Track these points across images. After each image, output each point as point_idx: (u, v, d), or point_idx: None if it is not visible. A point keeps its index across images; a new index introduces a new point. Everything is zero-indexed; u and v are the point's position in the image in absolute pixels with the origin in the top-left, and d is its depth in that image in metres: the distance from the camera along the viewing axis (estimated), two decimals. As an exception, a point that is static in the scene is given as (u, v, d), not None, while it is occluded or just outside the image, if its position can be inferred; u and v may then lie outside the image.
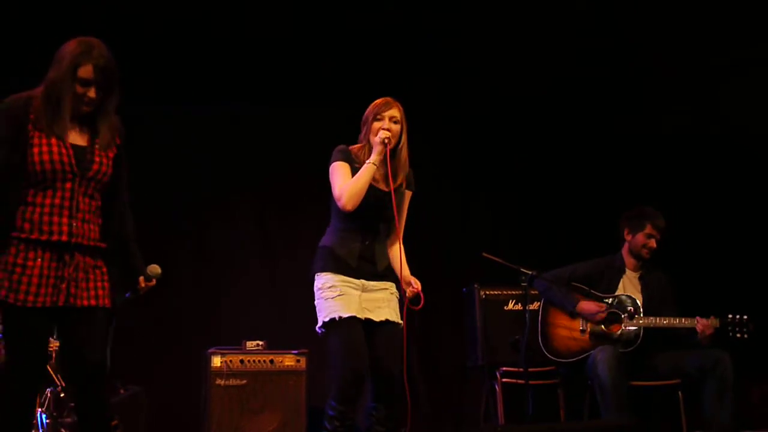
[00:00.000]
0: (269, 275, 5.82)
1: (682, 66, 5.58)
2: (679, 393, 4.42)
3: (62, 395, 4.04)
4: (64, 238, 2.80)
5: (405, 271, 3.46)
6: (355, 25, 5.05)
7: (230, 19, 4.99)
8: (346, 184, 3.33)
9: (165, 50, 5.19)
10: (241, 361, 4.73)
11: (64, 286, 2.79)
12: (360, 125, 3.49)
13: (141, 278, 3.04)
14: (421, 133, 5.71)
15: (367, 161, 3.33)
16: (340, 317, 3.26)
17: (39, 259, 2.78)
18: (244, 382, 4.70)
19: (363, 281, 3.36)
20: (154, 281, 3.08)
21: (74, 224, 2.82)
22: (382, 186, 3.42)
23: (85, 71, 2.78)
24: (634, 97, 6.06)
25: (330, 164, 3.43)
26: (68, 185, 2.82)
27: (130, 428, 4.34)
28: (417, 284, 3.44)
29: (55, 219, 2.80)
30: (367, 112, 3.46)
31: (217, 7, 4.84)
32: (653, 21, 5.05)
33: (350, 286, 3.33)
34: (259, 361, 4.75)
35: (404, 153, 3.46)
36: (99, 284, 2.88)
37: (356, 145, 3.48)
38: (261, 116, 5.85)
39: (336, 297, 3.30)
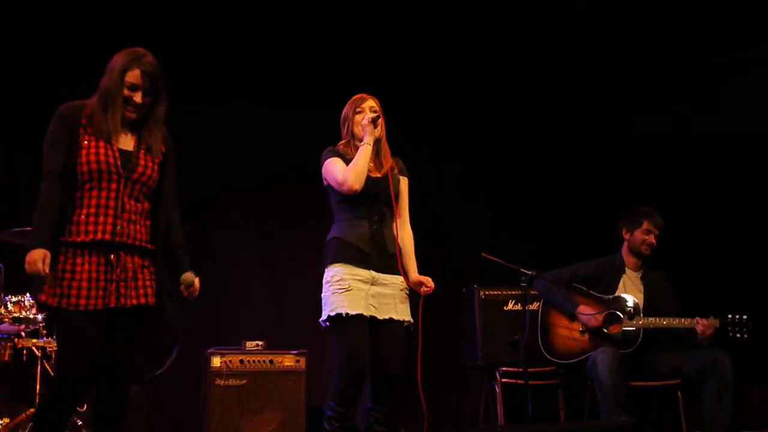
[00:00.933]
0: (269, 275, 5.82)
1: (682, 66, 5.58)
2: (679, 393, 4.41)
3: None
4: (108, 237, 2.87)
5: (413, 271, 3.50)
6: (355, 25, 5.06)
7: (230, 19, 4.99)
8: (347, 168, 3.39)
9: (165, 50, 5.17)
10: (241, 362, 4.73)
11: (113, 287, 2.87)
12: (341, 124, 3.56)
13: (182, 287, 3.10)
14: (421, 133, 5.74)
15: (362, 143, 3.41)
16: (347, 314, 3.26)
17: (86, 264, 2.85)
18: (244, 382, 4.70)
19: (373, 273, 3.35)
20: (195, 288, 3.12)
21: (119, 224, 2.89)
22: (375, 173, 3.46)
23: (133, 76, 2.92)
24: (634, 97, 6.06)
25: (322, 163, 3.48)
26: (113, 186, 2.91)
27: (130, 428, 4.34)
28: (430, 284, 3.47)
29: (101, 219, 2.88)
30: (345, 110, 3.56)
31: (217, 7, 4.84)
32: (653, 21, 5.05)
33: (359, 280, 3.32)
34: (258, 361, 4.75)
35: (385, 143, 3.54)
36: (148, 283, 2.97)
37: (340, 143, 3.55)
38: (261, 116, 5.85)
39: (344, 292, 3.29)
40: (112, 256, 2.88)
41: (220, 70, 5.50)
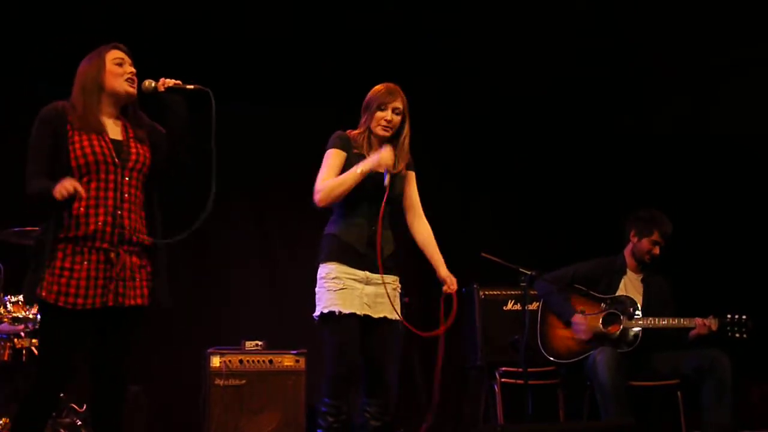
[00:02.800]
0: (269, 275, 5.82)
1: (682, 66, 5.58)
2: (679, 393, 4.41)
3: (62, 395, 4.05)
4: (108, 228, 2.86)
5: (441, 266, 3.52)
6: (355, 25, 5.06)
7: (230, 19, 4.99)
8: (330, 180, 3.32)
9: (164, 50, 5.19)
10: (241, 361, 4.73)
11: (112, 286, 2.86)
12: (363, 109, 3.45)
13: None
14: (421, 133, 5.72)
15: (357, 168, 3.29)
16: (340, 312, 3.26)
17: (85, 262, 2.84)
18: (244, 382, 4.70)
19: (367, 273, 3.33)
20: (167, 81, 3.04)
21: (118, 214, 2.89)
22: (380, 169, 3.40)
23: (114, 53, 2.99)
24: (634, 97, 6.07)
25: (326, 149, 3.42)
26: (111, 177, 2.90)
27: (130, 428, 4.34)
28: (453, 285, 3.47)
29: (101, 210, 2.87)
30: (370, 97, 3.43)
31: (217, 7, 4.84)
32: (653, 21, 5.05)
33: (354, 279, 3.31)
34: (258, 361, 4.75)
35: (406, 142, 3.46)
36: (144, 284, 2.96)
37: (355, 131, 3.46)
38: (261, 116, 5.85)
39: (338, 290, 3.28)
40: (112, 255, 2.87)
41: (221, 70, 5.49)
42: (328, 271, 3.32)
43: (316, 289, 3.36)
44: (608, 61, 5.59)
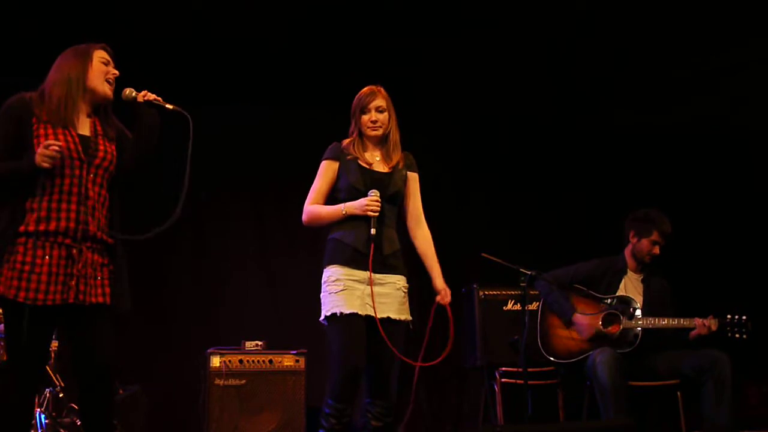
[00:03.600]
0: (268, 275, 5.82)
1: (682, 66, 5.58)
2: (678, 393, 4.41)
3: (61, 395, 4.05)
4: (72, 224, 2.82)
5: (437, 277, 3.53)
6: (355, 25, 5.06)
7: (230, 19, 4.99)
8: (316, 209, 3.43)
9: (164, 50, 5.20)
10: (240, 361, 4.73)
11: (73, 282, 2.81)
12: (351, 115, 3.51)
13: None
14: (421, 133, 5.74)
15: (343, 207, 3.37)
16: (341, 313, 3.27)
17: (47, 257, 2.79)
18: (243, 382, 4.70)
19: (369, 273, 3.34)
20: (149, 95, 3.04)
21: (82, 210, 2.84)
22: (379, 167, 3.45)
23: (101, 53, 2.99)
24: (635, 96, 6.07)
25: (320, 161, 3.50)
26: (76, 172, 2.86)
27: (130, 428, 4.35)
28: (447, 297, 3.51)
29: (63, 206, 2.83)
30: (353, 104, 3.51)
31: (218, 7, 4.84)
32: (653, 21, 5.05)
33: (355, 280, 3.32)
34: (258, 361, 4.75)
35: (394, 136, 3.50)
36: (106, 282, 2.90)
37: (347, 139, 3.52)
38: (261, 116, 5.85)
39: (339, 292, 3.30)
40: (74, 251, 2.82)
41: (221, 70, 5.51)
42: (329, 275, 3.36)
43: (321, 294, 3.38)
44: (608, 61, 5.59)
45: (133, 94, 3.01)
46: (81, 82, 2.93)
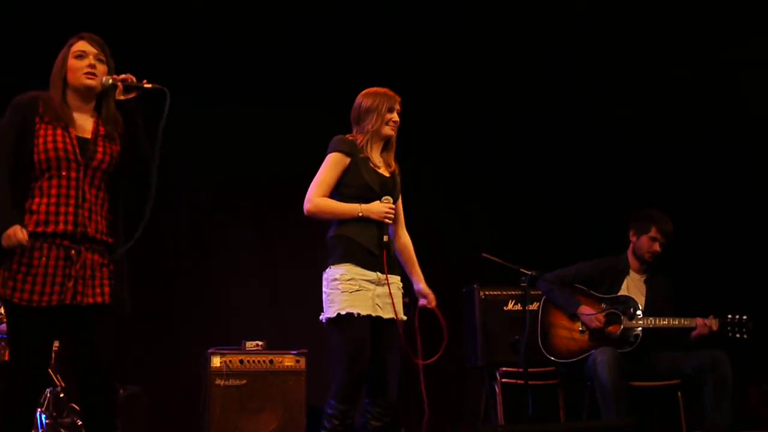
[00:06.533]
0: (269, 275, 5.82)
1: (683, 66, 5.58)
2: (679, 393, 4.41)
3: (62, 395, 4.04)
4: (70, 228, 2.80)
5: (421, 280, 3.54)
6: (355, 25, 5.06)
7: (230, 19, 4.99)
8: (326, 203, 3.33)
9: (165, 50, 5.19)
10: (241, 361, 4.73)
11: (71, 284, 2.80)
12: (363, 113, 3.42)
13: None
14: (421, 133, 5.74)
15: (360, 208, 3.31)
16: (358, 314, 3.23)
17: (44, 258, 2.78)
18: (244, 382, 4.70)
19: (379, 274, 3.32)
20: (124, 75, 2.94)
21: (80, 213, 2.83)
22: (383, 171, 3.44)
23: (79, 45, 2.93)
24: (635, 96, 6.07)
25: (328, 151, 3.40)
26: (73, 174, 2.84)
27: (130, 428, 4.34)
28: (432, 301, 3.50)
29: (62, 209, 2.81)
30: (376, 100, 3.41)
31: (218, 7, 4.84)
32: (653, 21, 5.05)
33: (368, 281, 3.29)
34: (258, 361, 4.75)
35: (394, 140, 3.50)
36: (105, 282, 2.88)
37: (359, 135, 3.44)
38: (261, 116, 5.85)
39: (354, 292, 3.25)
40: (72, 252, 2.81)
41: (221, 70, 5.50)
42: (342, 273, 3.28)
43: (328, 291, 3.31)
44: (608, 61, 5.59)
45: (109, 81, 2.91)
46: (62, 80, 2.91)
